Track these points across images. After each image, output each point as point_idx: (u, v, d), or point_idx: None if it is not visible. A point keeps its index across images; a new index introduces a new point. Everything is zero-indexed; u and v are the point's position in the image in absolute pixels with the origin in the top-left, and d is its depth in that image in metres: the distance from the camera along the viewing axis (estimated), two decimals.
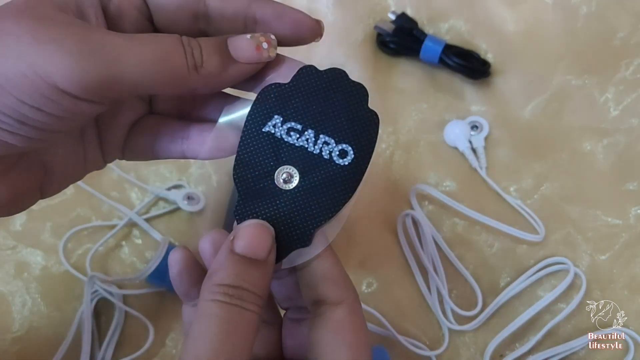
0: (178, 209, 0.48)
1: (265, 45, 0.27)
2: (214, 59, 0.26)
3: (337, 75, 0.28)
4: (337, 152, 0.27)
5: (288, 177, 0.27)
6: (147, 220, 0.48)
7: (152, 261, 0.43)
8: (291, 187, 0.27)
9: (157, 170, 0.50)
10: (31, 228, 0.48)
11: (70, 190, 0.50)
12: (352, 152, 0.27)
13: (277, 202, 0.27)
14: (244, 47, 0.26)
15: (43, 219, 0.48)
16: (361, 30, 0.54)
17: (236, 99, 0.29)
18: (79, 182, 0.48)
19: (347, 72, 0.27)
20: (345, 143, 0.27)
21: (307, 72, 0.27)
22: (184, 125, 0.30)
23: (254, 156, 0.27)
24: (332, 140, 0.27)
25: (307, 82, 0.27)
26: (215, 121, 0.29)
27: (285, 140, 0.27)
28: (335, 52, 0.53)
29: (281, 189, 0.27)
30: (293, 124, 0.27)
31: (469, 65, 0.51)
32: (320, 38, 0.28)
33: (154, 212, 0.49)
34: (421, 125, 0.51)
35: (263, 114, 0.27)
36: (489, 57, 0.53)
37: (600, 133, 0.50)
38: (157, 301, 0.46)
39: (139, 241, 0.48)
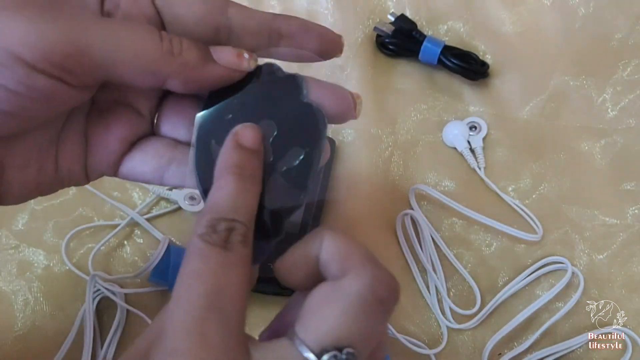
0: (179, 208, 0.49)
1: (246, 55, 0.26)
2: (194, 51, 0.25)
3: (266, 72, 0.27)
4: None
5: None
6: (149, 220, 0.48)
7: (153, 258, 0.44)
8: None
9: None
10: (33, 227, 0.49)
11: (72, 190, 0.50)
12: (302, 151, 0.26)
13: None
14: (224, 52, 0.26)
15: (45, 218, 0.49)
16: (360, 31, 0.55)
17: None
18: None
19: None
20: (294, 146, 0.26)
21: (237, 86, 0.27)
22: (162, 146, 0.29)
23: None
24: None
25: (241, 94, 0.27)
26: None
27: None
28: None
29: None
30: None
31: (468, 66, 0.51)
32: (341, 54, 0.28)
33: (155, 211, 0.49)
34: (420, 125, 0.52)
35: (205, 147, 0.27)
36: (488, 58, 0.53)
37: (598, 133, 0.50)
38: (159, 300, 0.46)
39: (141, 241, 0.48)
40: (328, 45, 0.27)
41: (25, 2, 0.22)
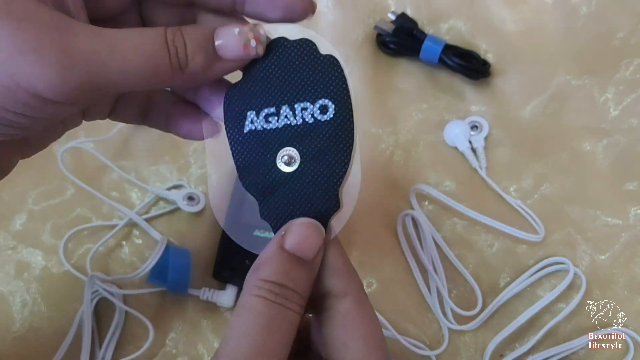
0: (178, 209, 0.49)
1: (253, 42, 0.26)
2: (199, 58, 0.25)
3: (278, 44, 0.27)
4: (318, 111, 0.27)
5: (289, 159, 0.27)
6: (147, 220, 0.48)
7: (151, 259, 0.43)
8: (297, 166, 0.27)
9: (157, 170, 0.50)
10: (31, 228, 0.48)
11: (70, 190, 0.50)
12: (330, 103, 0.27)
13: (292, 185, 0.27)
14: (230, 44, 0.26)
15: (43, 219, 0.49)
16: (361, 30, 0.54)
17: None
18: (79, 182, 0.48)
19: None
20: (320, 98, 0.27)
21: (254, 61, 0.27)
22: (182, 104, 0.30)
23: (249, 158, 0.27)
24: (308, 103, 0.27)
25: (258, 66, 0.27)
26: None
27: (268, 128, 0.27)
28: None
29: (289, 172, 0.27)
30: (266, 109, 0.27)
31: (469, 65, 0.51)
32: (313, 15, 0.27)
33: (154, 212, 0.49)
34: (421, 125, 0.51)
35: (237, 117, 0.27)
36: (489, 57, 0.53)
37: (600, 133, 0.50)
38: (157, 301, 0.46)
39: (139, 241, 0.48)
40: (294, 13, 0.27)
41: (44, 42, 0.23)
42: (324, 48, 0.27)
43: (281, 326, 0.24)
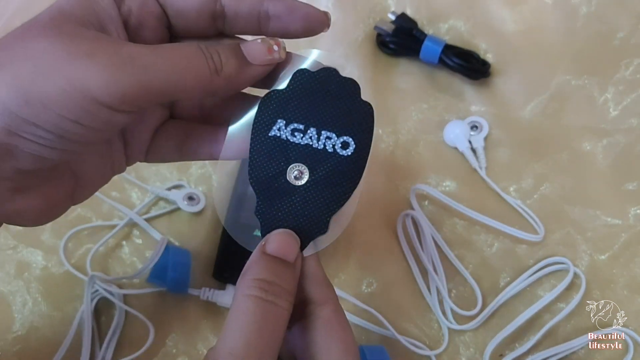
0: (178, 209, 0.49)
1: (275, 47, 0.29)
2: (232, 62, 0.27)
3: (329, 74, 0.30)
4: (340, 145, 0.29)
5: (299, 174, 0.29)
6: (148, 220, 0.48)
7: (150, 259, 0.43)
8: (303, 183, 0.29)
9: (157, 170, 0.50)
10: (31, 228, 0.48)
11: None
12: (352, 142, 0.29)
13: (293, 197, 0.29)
14: (256, 50, 0.28)
15: None
16: (361, 30, 0.54)
17: (254, 98, 0.31)
18: None
19: (340, 69, 0.30)
20: (346, 135, 0.29)
21: (301, 74, 0.29)
22: (212, 129, 0.32)
23: (266, 159, 0.29)
24: (334, 135, 0.29)
25: (303, 84, 0.29)
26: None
27: (291, 140, 0.29)
28: (335, 52, 0.54)
29: (294, 185, 0.29)
30: (296, 125, 0.29)
31: (469, 65, 0.51)
32: (328, 28, 0.30)
33: (154, 212, 0.49)
34: (421, 125, 0.51)
35: (267, 119, 0.29)
36: (489, 57, 0.53)
37: (600, 133, 0.50)
38: (158, 301, 0.46)
39: (139, 241, 0.48)
40: (313, 23, 0.29)
41: (95, 48, 0.25)
42: (365, 94, 0.30)
43: (273, 323, 0.26)
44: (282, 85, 0.30)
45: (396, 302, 0.46)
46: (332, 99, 0.29)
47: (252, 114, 0.30)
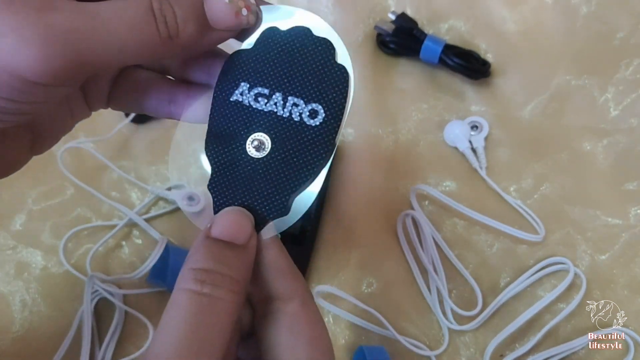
0: (178, 209, 0.48)
1: (244, 11, 0.25)
2: (190, 27, 0.24)
3: (301, 34, 0.26)
4: (307, 113, 0.26)
5: (259, 145, 0.26)
6: (147, 220, 0.48)
7: (150, 259, 0.43)
8: (264, 155, 0.26)
9: (157, 170, 0.50)
10: (31, 228, 0.48)
11: (70, 190, 0.50)
12: (322, 110, 0.25)
13: (251, 171, 0.26)
14: (222, 12, 0.25)
15: (43, 219, 0.48)
16: (361, 30, 0.54)
17: (226, 55, 0.28)
18: (79, 182, 0.48)
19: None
20: (315, 102, 0.25)
21: (270, 33, 0.26)
22: (171, 86, 0.29)
23: (224, 127, 0.26)
24: (301, 101, 0.26)
25: (272, 45, 0.26)
26: (202, 84, 0.28)
27: (254, 107, 0.26)
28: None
29: (253, 158, 0.26)
30: (260, 89, 0.26)
31: (469, 65, 0.51)
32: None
33: (154, 212, 0.49)
34: (421, 125, 0.51)
35: (230, 82, 0.26)
36: (489, 57, 0.53)
37: (600, 133, 0.50)
38: (157, 301, 0.46)
39: (139, 241, 0.48)
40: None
41: (25, 22, 0.22)
42: (341, 53, 0.26)
43: (209, 320, 0.23)
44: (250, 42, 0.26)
45: (396, 302, 0.46)
46: (303, 62, 0.26)
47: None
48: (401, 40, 0.52)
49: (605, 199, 0.48)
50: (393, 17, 0.53)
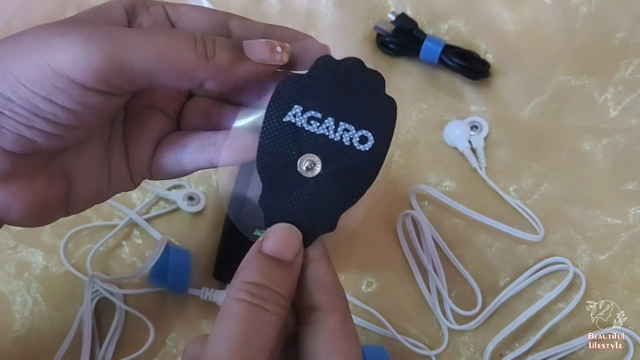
0: (178, 209, 0.49)
1: (279, 49, 0.27)
2: (227, 51, 0.26)
3: (354, 64, 0.28)
4: (358, 139, 0.28)
5: (310, 165, 0.28)
6: (148, 220, 0.48)
7: (151, 259, 0.43)
8: (314, 175, 0.27)
9: None
10: (32, 228, 0.48)
11: None
12: (372, 137, 0.28)
13: (301, 189, 0.27)
14: (257, 46, 0.27)
15: None
16: (361, 30, 0.54)
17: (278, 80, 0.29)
18: None
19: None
20: (365, 129, 0.28)
21: (325, 61, 0.28)
22: (211, 133, 0.30)
23: (277, 146, 0.28)
24: (352, 127, 0.28)
25: (325, 72, 0.28)
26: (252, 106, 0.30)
27: (306, 129, 0.28)
28: (335, 53, 0.53)
29: (304, 177, 0.28)
30: (313, 112, 0.28)
31: (469, 65, 0.51)
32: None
33: (154, 212, 0.49)
34: (421, 125, 0.51)
35: (283, 104, 0.28)
36: (489, 58, 0.53)
37: (600, 133, 0.50)
38: (158, 301, 0.46)
39: (140, 241, 0.48)
40: (310, 54, 0.29)
41: (74, 27, 0.24)
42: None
43: (260, 329, 0.25)
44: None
45: (396, 302, 0.46)
46: (355, 91, 0.28)
47: (254, 117, 0.29)
48: (401, 40, 0.52)
49: (605, 199, 0.48)
50: (393, 18, 0.53)
